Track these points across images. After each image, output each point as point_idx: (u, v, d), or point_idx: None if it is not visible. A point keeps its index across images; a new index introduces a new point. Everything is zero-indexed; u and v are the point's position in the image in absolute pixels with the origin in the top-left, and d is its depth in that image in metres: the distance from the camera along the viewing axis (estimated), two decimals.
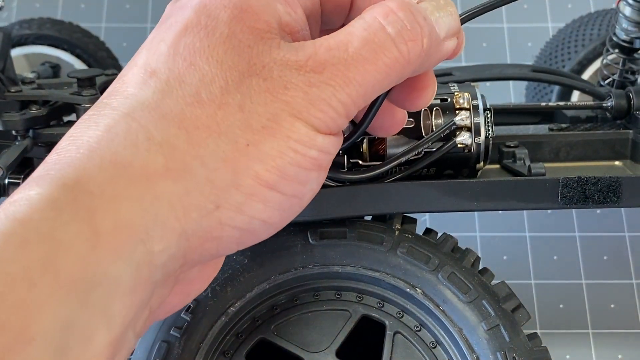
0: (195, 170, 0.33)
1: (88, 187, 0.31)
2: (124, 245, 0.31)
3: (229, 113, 0.34)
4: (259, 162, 0.34)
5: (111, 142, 0.32)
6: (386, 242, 0.67)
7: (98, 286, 0.29)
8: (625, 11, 0.76)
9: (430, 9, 0.39)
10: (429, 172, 0.66)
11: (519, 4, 1.22)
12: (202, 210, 0.33)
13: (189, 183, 0.33)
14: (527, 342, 0.65)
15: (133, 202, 0.31)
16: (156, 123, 0.33)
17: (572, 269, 1.04)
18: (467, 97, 0.63)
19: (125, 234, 0.31)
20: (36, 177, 0.31)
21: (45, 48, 1.00)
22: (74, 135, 0.33)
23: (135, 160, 0.32)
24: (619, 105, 0.73)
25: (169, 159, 0.32)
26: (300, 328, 0.68)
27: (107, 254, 0.30)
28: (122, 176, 0.31)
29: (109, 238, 0.30)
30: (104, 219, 0.30)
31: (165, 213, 0.32)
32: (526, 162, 0.68)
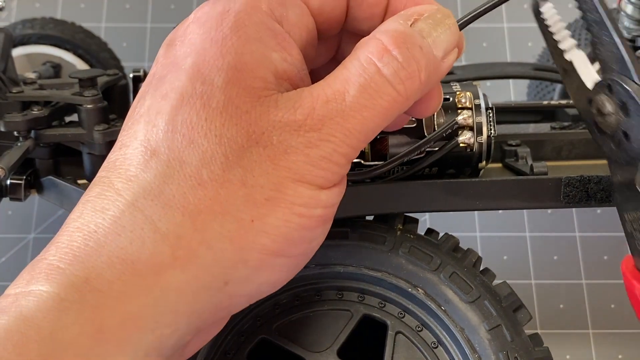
0: (202, 255, 0.33)
1: (96, 284, 0.31)
2: (131, 336, 0.31)
3: (231, 191, 0.34)
4: (265, 234, 0.34)
5: (118, 237, 0.33)
6: (388, 242, 0.67)
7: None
8: (627, 9, 0.76)
9: (426, 29, 0.39)
10: (431, 171, 0.66)
11: (519, 4, 1.22)
12: (211, 290, 0.34)
13: (197, 268, 0.33)
14: (529, 343, 0.65)
15: (141, 296, 0.32)
16: (160, 213, 0.33)
17: (572, 269, 1.04)
18: (469, 96, 0.63)
19: (133, 327, 0.32)
20: (47, 266, 0.32)
21: (47, 48, 1.00)
22: (81, 220, 0.34)
23: (142, 255, 0.32)
24: None
25: (175, 249, 0.33)
26: (302, 328, 0.68)
27: (111, 347, 0.31)
28: (130, 272, 0.32)
29: (115, 332, 0.31)
30: (110, 316, 0.31)
31: (174, 301, 0.33)
32: (528, 161, 0.68)
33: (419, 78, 0.37)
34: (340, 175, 0.36)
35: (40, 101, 0.74)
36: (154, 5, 1.26)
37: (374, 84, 0.36)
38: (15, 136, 0.72)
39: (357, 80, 0.36)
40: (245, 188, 0.34)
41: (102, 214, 0.34)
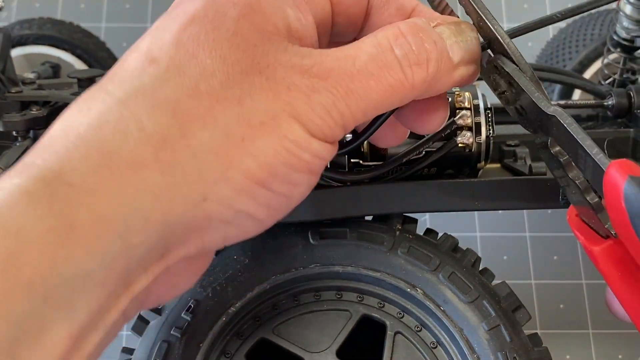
0: (186, 161, 0.32)
1: (69, 178, 0.30)
2: (99, 239, 0.30)
3: (226, 107, 0.33)
4: (252, 157, 0.33)
5: (100, 130, 0.32)
6: (387, 242, 0.67)
7: (64, 282, 0.29)
8: (626, 9, 0.76)
9: (447, 33, 0.39)
10: (430, 171, 0.66)
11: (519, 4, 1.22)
12: (188, 203, 0.32)
13: (178, 175, 0.32)
14: (528, 343, 0.65)
15: (114, 194, 0.31)
16: (149, 112, 0.32)
17: (572, 269, 1.04)
18: (468, 97, 0.63)
19: (102, 228, 0.30)
20: (24, 165, 0.31)
21: (45, 48, 1.00)
22: (66, 121, 0.33)
23: (123, 150, 0.31)
24: (620, 103, 0.73)
25: (158, 150, 0.32)
26: (301, 328, 0.68)
27: (79, 249, 0.29)
28: (107, 166, 0.31)
29: (84, 232, 0.30)
30: (80, 211, 0.30)
31: (148, 206, 0.31)
32: (527, 162, 0.68)
33: (426, 68, 0.38)
34: (333, 134, 0.36)
35: (39, 101, 0.74)
36: (154, 5, 1.26)
37: (384, 58, 0.37)
38: (14, 136, 0.72)
39: (370, 50, 0.37)
40: (241, 108, 0.34)
41: (87, 112, 0.33)
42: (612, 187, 0.35)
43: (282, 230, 0.68)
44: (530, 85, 0.42)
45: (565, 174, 0.42)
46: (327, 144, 0.36)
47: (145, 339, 0.65)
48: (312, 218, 0.65)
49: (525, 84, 0.42)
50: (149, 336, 0.65)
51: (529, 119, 0.43)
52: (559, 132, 0.40)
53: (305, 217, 0.65)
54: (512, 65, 0.42)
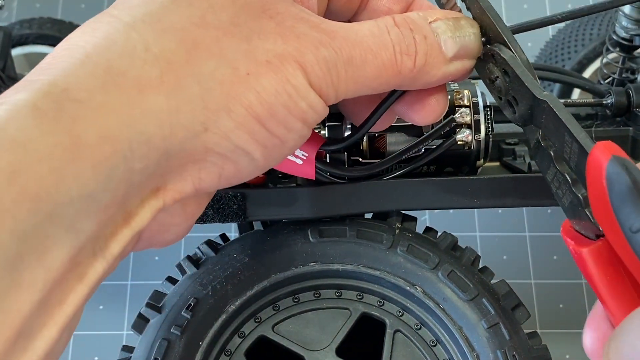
0: (190, 87, 0.32)
1: (76, 94, 0.30)
2: (106, 161, 0.30)
3: (234, 42, 0.33)
4: (255, 93, 0.33)
5: (107, 50, 0.31)
6: (386, 240, 0.67)
7: (69, 201, 0.29)
8: (625, 9, 0.76)
9: (443, 28, 0.40)
10: (429, 169, 0.66)
11: (519, 4, 1.23)
12: (189, 132, 0.32)
13: (181, 100, 0.32)
14: (527, 341, 0.65)
15: (121, 114, 0.30)
16: (157, 36, 0.32)
17: (572, 269, 1.04)
18: (467, 95, 0.63)
19: (109, 148, 0.30)
20: (26, 81, 0.30)
21: (45, 48, 1.00)
22: (70, 41, 0.32)
23: (129, 70, 0.31)
24: (619, 102, 0.73)
25: (164, 72, 0.32)
26: (301, 326, 0.68)
27: (85, 168, 0.29)
28: (114, 84, 0.30)
29: (91, 151, 0.29)
30: (87, 129, 0.29)
31: (151, 130, 0.31)
32: (526, 160, 0.68)
33: (414, 59, 0.38)
34: (326, 93, 0.37)
35: None
36: None
37: (382, 38, 0.38)
38: None
39: (370, 28, 0.38)
40: (249, 45, 0.34)
41: (92, 33, 0.32)
42: (595, 168, 0.35)
43: (282, 229, 0.68)
44: (525, 72, 0.42)
45: (556, 169, 0.41)
46: (322, 100, 0.36)
47: (145, 337, 0.66)
48: (312, 215, 0.65)
49: (520, 71, 0.42)
50: (149, 334, 0.65)
51: (520, 111, 0.43)
52: (548, 119, 0.40)
53: (305, 213, 0.65)
54: (509, 52, 0.42)
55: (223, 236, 0.71)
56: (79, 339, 0.98)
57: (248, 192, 0.64)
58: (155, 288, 0.68)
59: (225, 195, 0.63)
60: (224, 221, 0.64)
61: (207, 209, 0.64)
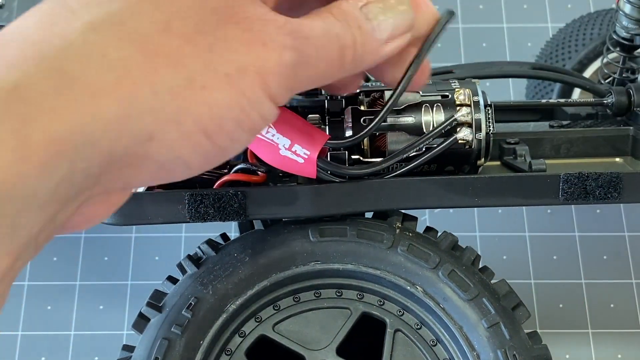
0: (143, 96, 0.32)
1: (27, 94, 0.29)
2: (51, 162, 0.30)
3: (195, 51, 0.33)
4: (207, 107, 0.33)
5: (63, 52, 0.31)
6: (387, 240, 0.67)
7: (12, 200, 0.29)
8: (625, 9, 0.76)
9: (374, 12, 0.41)
10: (430, 168, 0.66)
11: (519, 4, 1.23)
12: (135, 139, 0.32)
13: (133, 108, 0.31)
14: (527, 340, 0.65)
15: (71, 118, 0.30)
16: (117, 41, 0.32)
17: (572, 269, 1.04)
18: (468, 94, 0.63)
19: (55, 150, 0.30)
20: None
21: None
22: (21, 30, 0.32)
23: (84, 75, 0.31)
24: (619, 102, 0.73)
25: (120, 79, 0.31)
26: (301, 326, 0.68)
27: (32, 168, 0.29)
28: (67, 88, 0.30)
29: (38, 152, 0.29)
30: (36, 130, 0.29)
31: (99, 134, 0.31)
32: (527, 159, 0.68)
33: (352, 52, 0.39)
34: (283, 99, 0.37)
35: None
36: None
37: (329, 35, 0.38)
38: None
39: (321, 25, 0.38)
40: (211, 54, 0.33)
41: (50, 28, 0.31)
42: None
43: (282, 228, 0.68)
44: None
45: None
46: (275, 108, 0.36)
47: (145, 336, 0.65)
48: (313, 214, 0.65)
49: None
50: (150, 334, 0.65)
51: None
52: None
53: (306, 212, 0.65)
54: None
55: (224, 235, 0.71)
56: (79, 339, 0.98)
57: (249, 190, 0.64)
58: (155, 288, 0.68)
59: (226, 194, 0.63)
60: (224, 220, 0.64)
61: (208, 207, 0.64)
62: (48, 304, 1.01)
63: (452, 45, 1.18)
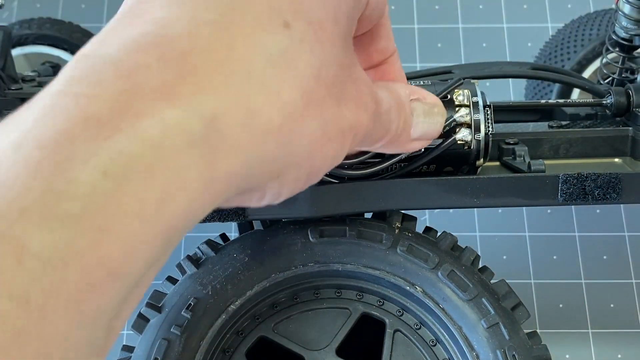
0: (294, 140, 0.33)
1: (222, 127, 0.30)
2: (224, 192, 0.31)
3: (330, 103, 0.34)
4: (322, 158, 0.35)
5: (246, 86, 0.31)
6: (386, 240, 0.67)
7: (183, 230, 0.30)
8: (625, 9, 0.76)
9: (418, 111, 0.44)
10: (429, 168, 0.66)
11: (519, 4, 1.23)
12: (270, 176, 0.33)
13: (286, 149, 0.33)
14: (526, 340, 0.65)
15: (248, 153, 0.31)
16: (290, 82, 0.33)
17: (572, 269, 1.04)
18: (467, 94, 0.63)
19: (229, 182, 0.31)
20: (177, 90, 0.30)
21: (45, 48, 1.00)
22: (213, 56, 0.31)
23: (263, 111, 0.31)
24: (618, 102, 0.73)
25: (285, 119, 0.32)
26: (301, 326, 0.68)
27: (208, 201, 0.30)
28: (249, 123, 0.31)
29: (218, 184, 0.30)
30: (222, 163, 0.30)
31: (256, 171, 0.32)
32: (526, 159, 0.68)
33: (390, 137, 0.41)
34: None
35: None
36: None
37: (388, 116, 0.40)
38: None
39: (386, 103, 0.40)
40: (338, 109, 0.35)
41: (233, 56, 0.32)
42: None
43: (282, 228, 0.68)
44: None
45: None
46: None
47: (145, 337, 0.66)
48: (312, 214, 0.66)
49: None
50: (149, 334, 0.65)
51: None
52: None
53: (305, 213, 0.65)
54: None
55: (223, 236, 0.71)
56: None
57: None
58: (155, 288, 0.68)
59: None
60: (224, 220, 0.65)
61: None
62: None
63: (452, 45, 1.18)
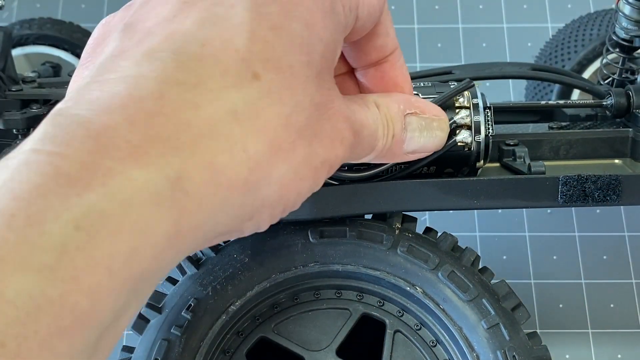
0: (262, 186, 0.33)
1: (187, 187, 0.31)
2: (190, 245, 0.31)
3: (302, 145, 0.35)
4: (297, 195, 0.35)
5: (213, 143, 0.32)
6: (386, 240, 0.67)
7: (153, 281, 0.31)
8: (625, 10, 0.76)
9: (413, 125, 0.43)
10: (429, 170, 0.66)
11: (519, 4, 1.23)
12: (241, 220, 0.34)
13: (253, 197, 0.33)
14: (527, 341, 0.65)
15: (213, 209, 0.32)
16: (254, 135, 0.33)
17: (572, 269, 1.04)
18: (467, 96, 0.63)
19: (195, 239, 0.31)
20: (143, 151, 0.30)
21: (45, 48, 1.00)
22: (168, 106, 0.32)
23: (228, 169, 0.32)
24: (618, 103, 0.73)
25: (251, 172, 0.33)
26: (301, 327, 0.68)
27: (173, 255, 0.31)
28: (215, 181, 0.31)
29: (183, 242, 0.31)
30: (187, 221, 0.30)
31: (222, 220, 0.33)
32: (526, 161, 0.68)
33: (379, 151, 0.42)
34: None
35: (39, 99, 0.74)
36: None
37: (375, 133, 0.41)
38: (15, 134, 0.72)
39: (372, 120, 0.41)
40: (310, 149, 0.35)
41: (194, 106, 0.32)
42: None
43: (282, 229, 0.68)
44: None
45: None
46: None
47: (145, 337, 0.66)
48: (312, 216, 0.66)
49: None
50: (149, 335, 0.65)
51: None
52: None
53: (306, 214, 0.65)
54: None
55: None
56: None
57: None
58: (155, 288, 0.68)
59: None
60: None
61: None
62: None
63: (452, 45, 1.18)
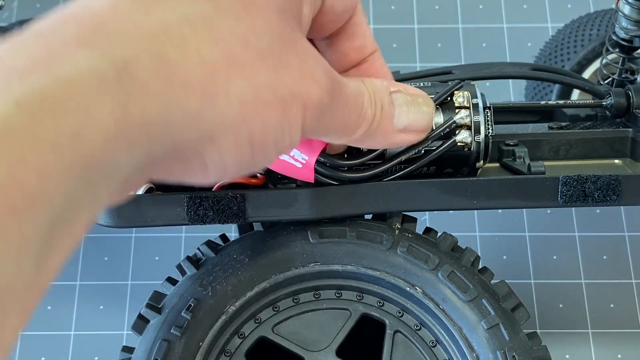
0: (219, 98, 0.33)
1: (136, 73, 0.30)
2: (138, 142, 0.31)
3: (264, 68, 0.35)
4: (261, 122, 0.35)
5: (163, 37, 0.32)
6: (386, 241, 0.67)
7: (104, 170, 0.30)
8: (625, 10, 0.76)
9: (400, 101, 0.44)
10: (429, 170, 0.66)
11: (519, 4, 1.22)
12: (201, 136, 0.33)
13: (209, 106, 0.33)
14: (527, 341, 0.65)
15: (164, 103, 0.31)
16: (210, 41, 0.33)
17: (572, 269, 1.04)
18: (467, 96, 0.63)
19: (145, 132, 0.31)
20: (89, 39, 0.30)
21: None
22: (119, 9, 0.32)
23: (179, 65, 0.32)
24: (618, 103, 0.73)
25: (206, 77, 0.33)
26: (301, 327, 0.68)
27: (122, 145, 0.30)
28: (165, 74, 0.31)
29: (133, 130, 0.30)
30: (136, 109, 0.30)
31: (178, 124, 0.32)
32: (526, 161, 0.68)
33: (368, 125, 0.42)
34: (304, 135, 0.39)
35: None
36: None
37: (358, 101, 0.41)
38: None
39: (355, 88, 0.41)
40: (275, 75, 0.35)
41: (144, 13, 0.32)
42: None
43: (282, 229, 0.68)
44: None
45: None
46: (300, 139, 0.38)
47: (145, 338, 0.66)
48: (312, 216, 0.66)
49: None
50: (149, 335, 0.65)
51: None
52: None
53: (305, 215, 0.65)
54: None
55: (223, 237, 0.71)
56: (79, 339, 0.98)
57: (248, 193, 0.64)
58: (155, 288, 0.68)
59: (225, 196, 0.64)
60: (224, 222, 0.65)
61: (207, 210, 0.64)
62: (48, 304, 1.01)
63: (452, 45, 1.18)
